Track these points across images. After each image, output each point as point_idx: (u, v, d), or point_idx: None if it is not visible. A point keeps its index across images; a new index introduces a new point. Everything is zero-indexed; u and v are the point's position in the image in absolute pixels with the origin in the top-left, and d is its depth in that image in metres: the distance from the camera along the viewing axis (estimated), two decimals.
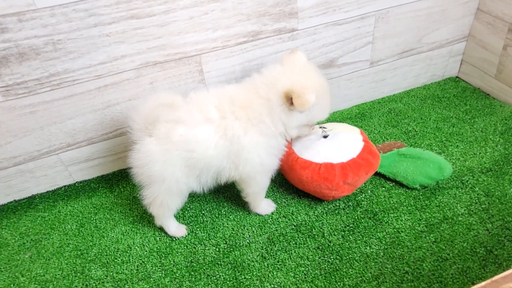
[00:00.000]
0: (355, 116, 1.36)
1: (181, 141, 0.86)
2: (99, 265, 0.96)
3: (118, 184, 1.18)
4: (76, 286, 0.92)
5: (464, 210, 0.98)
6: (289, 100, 0.83)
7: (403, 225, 0.96)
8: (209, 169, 0.90)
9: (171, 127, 0.86)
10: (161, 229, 1.02)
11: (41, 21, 0.87)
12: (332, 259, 0.91)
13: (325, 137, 1.00)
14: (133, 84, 1.05)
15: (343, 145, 0.98)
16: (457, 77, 1.50)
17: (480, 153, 1.13)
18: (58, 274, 0.95)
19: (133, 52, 0.99)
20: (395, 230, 0.95)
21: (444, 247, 0.90)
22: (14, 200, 1.15)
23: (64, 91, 0.99)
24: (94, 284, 0.92)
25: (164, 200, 0.93)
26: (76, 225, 1.07)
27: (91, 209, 1.11)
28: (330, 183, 0.95)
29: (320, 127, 1.03)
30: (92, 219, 1.08)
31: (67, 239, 1.04)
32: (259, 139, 0.87)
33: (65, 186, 1.19)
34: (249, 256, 0.94)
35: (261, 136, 0.87)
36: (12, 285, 0.93)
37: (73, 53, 0.94)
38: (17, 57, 0.90)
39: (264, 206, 1.03)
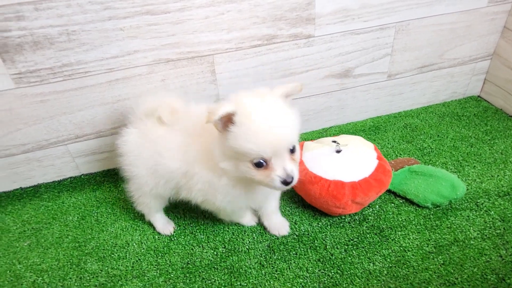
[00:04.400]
0: (369, 128, 1.32)
1: (156, 142, 0.83)
2: (96, 259, 0.95)
3: (123, 180, 1.17)
4: (70, 278, 0.91)
5: (477, 234, 0.92)
6: (218, 123, 0.70)
7: (411, 244, 0.92)
8: (169, 180, 0.85)
9: (153, 125, 0.85)
10: None
11: (57, 11, 0.88)
12: (333, 273, 0.87)
13: (338, 151, 0.97)
14: (144, 80, 1.04)
15: (356, 162, 0.95)
16: (479, 96, 1.44)
17: (498, 175, 1.07)
18: (54, 265, 0.94)
19: (146, 48, 0.99)
20: (402, 248, 0.91)
21: (452, 271, 0.85)
22: (20, 187, 1.16)
23: (76, 82, 0.99)
24: (88, 277, 0.90)
25: (141, 198, 0.94)
26: (78, 217, 1.07)
27: (94, 202, 1.11)
28: (339, 201, 0.92)
29: (333, 141, 1.00)
30: (93, 212, 1.08)
31: (67, 230, 1.03)
32: (205, 173, 0.79)
33: (71, 177, 1.19)
34: (247, 262, 0.91)
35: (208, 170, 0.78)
36: (8, 272, 0.93)
37: (87, 45, 0.94)
38: (31, 45, 0.91)
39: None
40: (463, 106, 1.39)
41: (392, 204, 1.02)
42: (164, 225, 0.99)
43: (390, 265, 0.87)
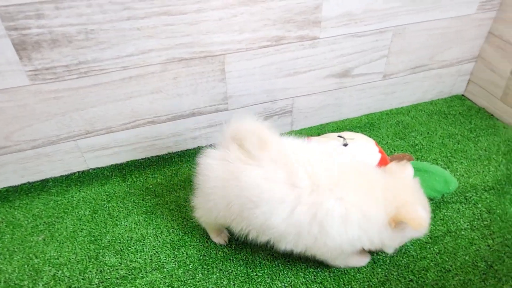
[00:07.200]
0: (364, 125, 1.40)
1: (245, 187, 0.74)
2: (113, 252, 0.98)
3: (131, 174, 1.20)
4: (90, 271, 0.94)
5: (467, 225, 1.02)
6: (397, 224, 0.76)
7: None
8: (263, 233, 0.79)
9: (243, 160, 0.75)
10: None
11: (77, 10, 0.88)
12: None
13: (345, 145, 1.04)
14: (157, 78, 1.07)
15: (362, 155, 1.02)
16: (462, 95, 1.55)
17: (483, 171, 1.18)
18: (72, 258, 0.97)
19: (161, 47, 1.01)
20: None
21: (447, 259, 0.95)
22: (28, 182, 1.16)
23: (90, 80, 1.01)
24: (108, 270, 0.94)
25: (203, 218, 0.92)
26: (89, 211, 1.09)
27: (104, 197, 1.13)
28: None
29: (339, 136, 1.07)
30: (105, 206, 1.10)
31: (80, 224, 1.05)
32: (356, 231, 0.75)
33: (78, 171, 1.20)
34: (261, 254, 0.97)
35: (359, 229, 0.76)
36: (26, 266, 0.95)
37: (104, 44, 0.96)
38: (49, 43, 0.91)
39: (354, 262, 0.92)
40: (449, 105, 1.49)
41: None
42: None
43: (392, 255, 0.96)
